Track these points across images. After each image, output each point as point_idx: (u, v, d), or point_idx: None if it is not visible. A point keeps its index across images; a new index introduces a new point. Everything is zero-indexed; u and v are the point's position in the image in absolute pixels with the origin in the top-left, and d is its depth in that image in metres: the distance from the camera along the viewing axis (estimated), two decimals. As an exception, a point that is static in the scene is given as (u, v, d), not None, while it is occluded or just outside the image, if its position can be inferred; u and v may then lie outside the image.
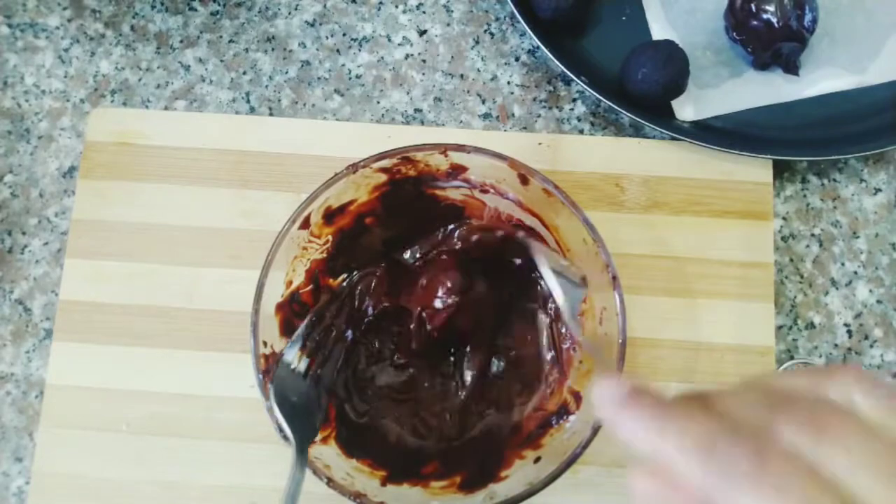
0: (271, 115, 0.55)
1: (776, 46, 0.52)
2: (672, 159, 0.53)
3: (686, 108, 0.54)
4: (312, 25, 0.57)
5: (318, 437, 0.43)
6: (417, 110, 0.55)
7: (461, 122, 0.55)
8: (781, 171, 0.54)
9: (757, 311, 0.50)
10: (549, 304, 0.49)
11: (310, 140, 0.53)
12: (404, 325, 0.49)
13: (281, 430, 0.40)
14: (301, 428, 0.41)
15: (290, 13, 0.58)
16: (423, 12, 0.57)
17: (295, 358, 0.44)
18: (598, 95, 0.52)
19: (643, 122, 0.52)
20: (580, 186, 0.52)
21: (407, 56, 0.57)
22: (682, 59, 0.51)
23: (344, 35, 0.57)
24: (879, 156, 0.54)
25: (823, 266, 0.52)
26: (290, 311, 0.46)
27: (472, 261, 0.49)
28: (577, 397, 0.44)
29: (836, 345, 0.51)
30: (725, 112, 0.54)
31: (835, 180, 0.54)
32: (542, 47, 0.52)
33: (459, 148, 0.44)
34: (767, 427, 0.24)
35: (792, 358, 0.51)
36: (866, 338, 0.51)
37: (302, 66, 0.56)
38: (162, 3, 0.58)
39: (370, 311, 0.49)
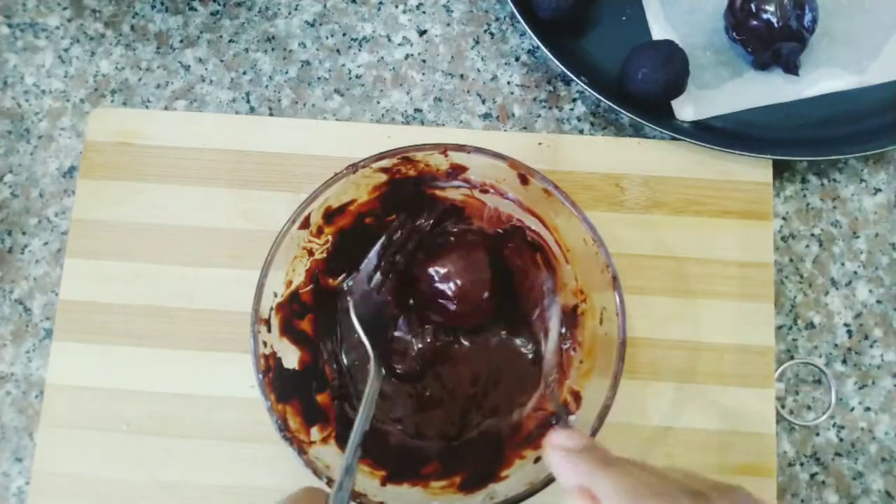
0: (271, 115, 0.55)
1: (776, 46, 0.52)
2: (672, 159, 0.53)
3: (686, 108, 0.54)
4: (312, 25, 0.57)
5: (318, 437, 0.43)
6: (417, 110, 0.55)
7: (461, 122, 0.55)
8: (781, 171, 0.54)
9: (757, 311, 0.50)
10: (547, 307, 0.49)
11: (310, 140, 0.53)
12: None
13: (361, 343, 0.45)
14: (376, 339, 0.45)
15: (290, 13, 0.57)
16: (423, 12, 0.57)
17: (370, 274, 0.48)
18: (598, 95, 0.52)
19: (643, 122, 0.52)
20: (580, 186, 0.52)
21: (407, 56, 0.57)
22: (682, 59, 0.51)
23: (344, 35, 0.57)
24: (879, 156, 0.54)
25: (823, 266, 0.52)
26: (290, 311, 0.46)
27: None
28: (577, 397, 0.44)
29: (835, 345, 0.51)
30: (725, 112, 0.54)
31: (835, 180, 0.54)
32: (542, 47, 0.52)
33: (459, 148, 0.44)
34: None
35: (792, 358, 0.51)
36: (866, 338, 0.51)
37: (302, 66, 0.56)
38: (162, 3, 0.58)
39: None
